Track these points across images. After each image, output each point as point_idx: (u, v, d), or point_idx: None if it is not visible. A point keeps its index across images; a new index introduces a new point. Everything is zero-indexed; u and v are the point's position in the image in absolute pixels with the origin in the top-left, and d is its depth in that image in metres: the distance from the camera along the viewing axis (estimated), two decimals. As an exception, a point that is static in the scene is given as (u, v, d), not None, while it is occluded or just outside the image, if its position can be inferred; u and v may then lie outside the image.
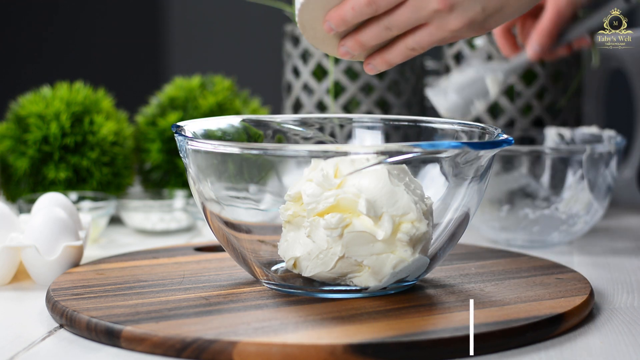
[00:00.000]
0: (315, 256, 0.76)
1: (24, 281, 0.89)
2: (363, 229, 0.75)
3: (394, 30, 0.78)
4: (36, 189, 1.14)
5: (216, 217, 0.79)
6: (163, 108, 1.23)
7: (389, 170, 0.76)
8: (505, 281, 0.82)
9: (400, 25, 0.77)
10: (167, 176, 1.21)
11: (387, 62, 0.80)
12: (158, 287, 0.80)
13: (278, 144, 0.88)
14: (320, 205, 0.75)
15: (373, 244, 0.75)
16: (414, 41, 0.78)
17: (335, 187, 0.76)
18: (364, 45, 0.79)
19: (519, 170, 1.02)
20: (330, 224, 0.75)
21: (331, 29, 0.79)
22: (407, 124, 0.89)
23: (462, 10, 0.76)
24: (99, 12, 2.42)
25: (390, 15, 0.77)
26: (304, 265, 0.77)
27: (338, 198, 0.75)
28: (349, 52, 0.80)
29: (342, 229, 0.75)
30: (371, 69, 0.81)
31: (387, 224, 0.74)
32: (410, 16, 0.76)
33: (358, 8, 0.77)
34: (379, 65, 0.81)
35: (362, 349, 0.66)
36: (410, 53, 0.79)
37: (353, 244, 0.75)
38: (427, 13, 0.76)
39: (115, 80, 1.83)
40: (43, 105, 1.14)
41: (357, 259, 0.75)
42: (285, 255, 0.78)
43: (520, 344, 0.70)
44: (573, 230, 1.02)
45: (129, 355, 0.69)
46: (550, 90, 1.17)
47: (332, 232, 0.75)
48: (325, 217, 0.75)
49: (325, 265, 0.76)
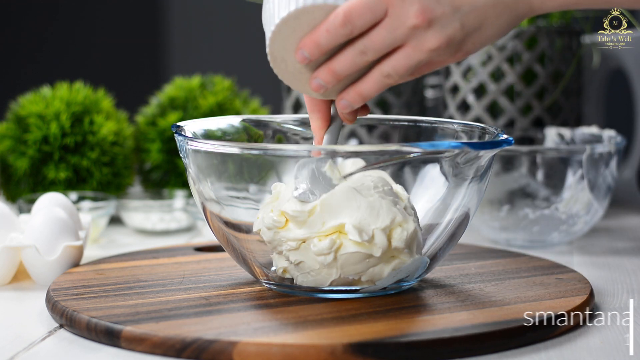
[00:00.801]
0: (307, 272, 0.76)
1: (24, 281, 0.89)
2: (357, 249, 0.74)
3: (369, 54, 0.73)
4: (36, 189, 1.14)
5: (216, 217, 0.79)
6: (163, 108, 1.23)
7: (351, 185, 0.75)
8: (505, 281, 0.82)
9: (375, 47, 0.73)
10: (167, 176, 1.21)
11: (360, 95, 0.75)
12: (158, 287, 0.80)
13: (278, 144, 0.88)
14: (283, 247, 0.75)
15: (369, 259, 0.75)
16: (390, 66, 0.74)
17: (308, 216, 0.75)
18: (337, 75, 0.74)
19: (519, 170, 1.02)
20: (322, 250, 0.74)
21: (304, 57, 0.74)
22: (407, 124, 0.89)
23: (440, 26, 0.72)
24: (99, 12, 2.42)
25: (365, 37, 0.73)
26: (294, 274, 0.77)
27: (323, 235, 0.74)
28: (321, 84, 0.75)
29: (335, 253, 0.74)
30: (344, 105, 0.76)
31: (381, 239, 0.74)
32: (387, 36, 0.72)
33: (333, 29, 0.72)
34: (352, 99, 0.75)
35: (362, 349, 0.66)
36: (385, 81, 0.74)
37: (348, 264, 0.75)
38: (404, 31, 0.72)
39: (115, 80, 1.83)
40: (43, 105, 1.14)
41: (354, 277, 0.75)
42: (275, 264, 0.78)
43: (520, 344, 0.70)
44: (573, 230, 1.02)
45: (129, 355, 0.69)
46: (550, 90, 1.17)
47: (325, 257, 0.74)
48: (314, 243, 0.74)
49: (319, 283, 0.76)
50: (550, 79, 1.17)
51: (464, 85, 1.18)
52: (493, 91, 1.16)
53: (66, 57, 2.39)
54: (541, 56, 1.17)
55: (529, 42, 1.16)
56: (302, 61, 0.74)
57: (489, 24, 0.74)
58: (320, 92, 0.75)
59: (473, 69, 1.17)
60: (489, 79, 1.17)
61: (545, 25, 1.16)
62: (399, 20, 0.72)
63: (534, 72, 1.17)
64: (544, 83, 1.17)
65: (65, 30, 2.40)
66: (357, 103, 0.76)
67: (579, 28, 1.19)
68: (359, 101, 0.75)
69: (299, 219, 0.74)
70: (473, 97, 1.18)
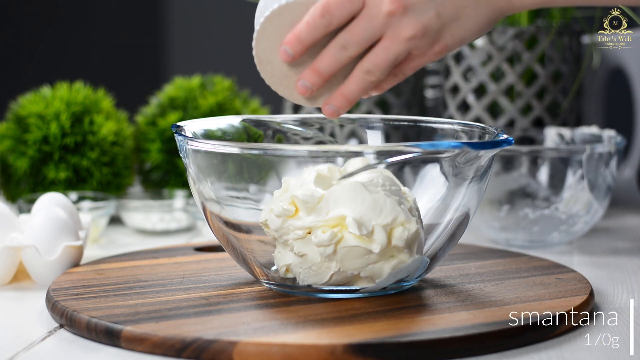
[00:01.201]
0: (308, 267, 0.76)
1: (24, 281, 0.89)
2: (357, 244, 0.74)
3: (350, 48, 0.75)
4: (36, 189, 1.14)
5: (216, 217, 0.79)
6: (163, 108, 1.23)
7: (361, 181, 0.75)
8: (505, 281, 0.82)
9: (355, 40, 0.74)
10: (167, 176, 1.21)
11: (345, 97, 0.77)
12: (158, 287, 0.80)
13: (278, 144, 0.88)
14: (290, 235, 0.75)
15: (368, 255, 0.75)
16: (369, 61, 0.75)
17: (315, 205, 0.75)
18: (322, 74, 0.76)
19: (519, 170, 1.02)
20: (322, 241, 0.74)
21: (287, 54, 0.75)
22: (407, 124, 0.89)
23: (416, 14, 0.74)
24: (99, 12, 2.42)
25: (345, 31, 0.74)
26: (296, 272, 0.77)
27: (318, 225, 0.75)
28: (307, 86, 0.76)
29: (335, 245, 0.74)
30: (331, 110, 0.77)
31: (380, 236, 0.74)
32: (365, 27, 0.74)
33: (312, 21, 0.74)
34: (337, 102, 0.77)
35: (362, 349, 0.66)
36: (367, 78, 0.76)
37: (348, 258, 0.75)
38: (381, 20, 0.74)
39: (115, 80, 1.83)
40: (43, 105, 1.14)
41: (353, 272, 0.75)
42: (278, 262, 0.78)
43: (520, 344, 0.70)
44: (573, 230, 1.02)
45: (129, 355, 0.69)
46: (550, 90, 1.17)
47: (325, 249, 0.75)
48: (316, 234, 0.75)
49: (320, 277, 0.76)
50: (550, 79, 1.17)
51: (464, 85, 1.18)
52: (493, 91, 1.16)
53: (66, 57, 2.39)
54: (541, 56, 1.17)
55: (529, 42, 1.16)
56: (286, 59, 0.75)
57: (466, 15, 0.75)
58: (306, 94, 0.76)
59: (473, 69, 1.18)
60: (489, 79, 1.17)
61: (545, 25, 1.17)
62: (375, 8, 0.74)
63: (534, 72, 1.17)
64: (544, 83, 1.17)
65: (65, 30, 2.40)
66: (343, 107, 0.77)
67: (579, 28, 1.19)
68: (344, 105, 0.77)
69: (308, 204, 0.75)
70: (473, 97, 1.18)
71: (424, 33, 0.74)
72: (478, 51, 1.17)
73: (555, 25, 1.17)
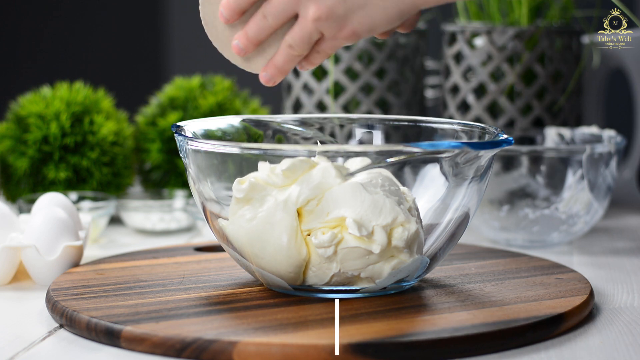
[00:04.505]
0: (309, 268, 0.76)
1: (24, 281, 0.89)
2: (357, 245, 0.74)
3: (269, 18, 0.79)
4: (36, 189, 1.14)
5: (216, 217, 0.79)
6: (163, 108, 1.23)
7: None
8: (505, 281, 0.82)
9: (272, 11, 0.79)
10: (167, 176, 1.21)
11: (275, 67, 0.81)
12: (158, 287, 0.80)
13: (278, 144, 0.88)
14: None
15: (368, 256, 0.75)
16: (290, 36, 0.79)
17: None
18: (250, 39, 0.80)
19: (519, 170, 1.02)
20: (322, 243, 0.74)
21: (223, 16, 0.80)
22: (407, 124, 0.89)
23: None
24: (99, 12, 2.42)
25: (266, 2, 0.79)
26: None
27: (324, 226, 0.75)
28: (239, 47, 0.81)
29: (335, 247, 0.74)
30: (265, 78, 0.82)
31: (380, 236, 0.74)
32: (281, 1, 0.78)
33: None
34: (270, 71, 0.81)
35: (362, 349, 0.66)
36: (290, 52, 0.80)
37: (348, 259, 0.75)
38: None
39: (115, 80, 1.83)
40: (43, 105, 1.14)
41: (353, 273, 0.75)
42: None
43: (520, 344, 0.71)
44: (573, 230, 1.02)
45: (129, 355, 0.69)
46: (550, 90, 1.17)
47: (325, 250, 0.75)
48: (316, 235, 0.75)
49: (320, 278, 0.76)
50: (550, 79, 1.17)
51: (464, 85, 1.18)
52: (493, 91, 1.16)
53: (66, 57, 2.38)
54: (541, 56, 1.17)
55: (529, 42, 1.16)
56: (223, 21, 0.81)
57: (373, 4, 0.77)
58: (240, 54, 0.81)
59: (473, 69, 1.18)
60: (489, 79, 1.17)
61: (545, 25, 1.17)
62: None
63: (534, 72, 1.17)
64: (544, 83, 1.17)
65: (65, 30, 2.40)
66: (276, 75, 0.81)
67: (578, 28, 1.19)
68: (276, 74, 0.81)
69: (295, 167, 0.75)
70: (473, 97, 1.18)
71: (328, 16, 0.77)
72: (478, 51, 1.17)
73: (555, 25, 1.17)
